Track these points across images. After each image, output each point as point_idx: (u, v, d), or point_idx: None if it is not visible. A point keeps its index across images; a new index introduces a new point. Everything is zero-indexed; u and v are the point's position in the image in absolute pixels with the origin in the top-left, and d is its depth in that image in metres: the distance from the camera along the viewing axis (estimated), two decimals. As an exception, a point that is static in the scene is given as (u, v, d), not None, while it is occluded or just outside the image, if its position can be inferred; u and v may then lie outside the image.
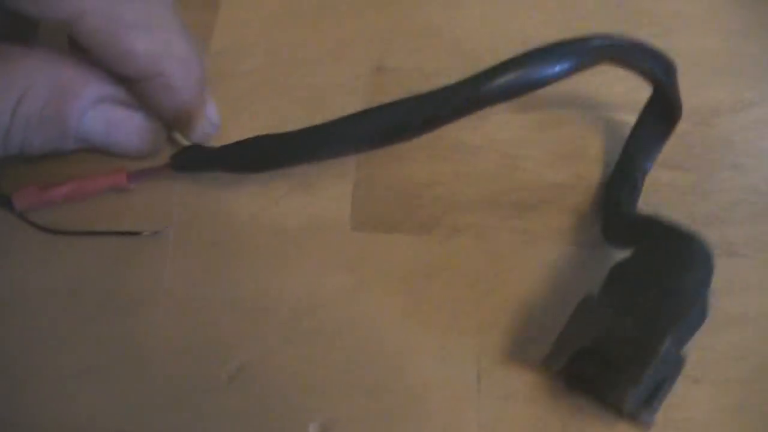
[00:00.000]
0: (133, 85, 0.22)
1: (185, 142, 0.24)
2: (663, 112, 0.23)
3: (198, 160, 0.23)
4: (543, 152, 0.25)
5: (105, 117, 0.22)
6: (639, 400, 0.18)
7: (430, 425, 0.21)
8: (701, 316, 0.19)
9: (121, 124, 0.22)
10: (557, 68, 0.20)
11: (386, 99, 0.22)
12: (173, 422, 0.21)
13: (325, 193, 0.24)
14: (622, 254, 0.22)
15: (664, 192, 0.24)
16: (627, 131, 0.25)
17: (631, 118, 0.25)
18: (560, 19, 0.28)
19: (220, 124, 0.24)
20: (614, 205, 0.23)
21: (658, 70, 0.22)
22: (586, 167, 0.25)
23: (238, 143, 0.22)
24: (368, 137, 0.22)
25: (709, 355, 0.22)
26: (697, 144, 0.25)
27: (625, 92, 0.26)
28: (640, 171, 0.24)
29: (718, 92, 0.26)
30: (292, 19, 0.28)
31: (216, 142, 0.23)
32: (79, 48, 0.21)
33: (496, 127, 0.25)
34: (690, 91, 0.24)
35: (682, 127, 0.25)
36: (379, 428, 0.21)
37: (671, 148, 0.24)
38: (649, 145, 0.24)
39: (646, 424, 0.19)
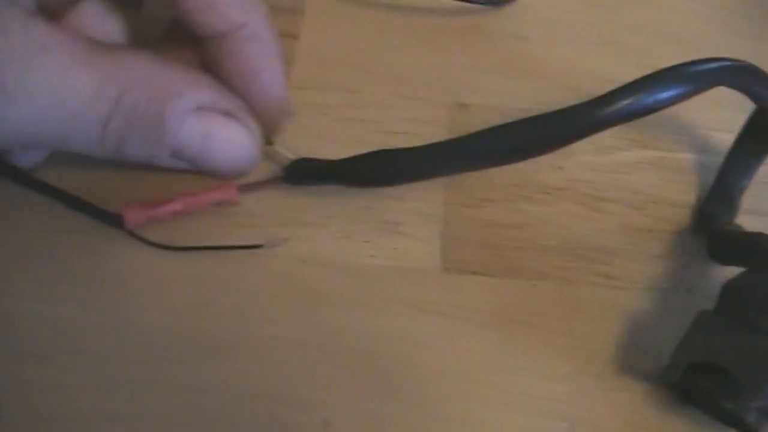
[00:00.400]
0: (221, 45, 0.22)
1: (288, 155, 0.24)
2: (764, 130, 0.24)
3: (312, 173, 0.24)
4: (624, 195, 0.25)
5: (204, 124, 0.21)
6: (760, 411, 0.19)
7: (522, 472, 0.21)
8: None
9: (218, 134, 0.22)
10: (677, 91, 0.21)
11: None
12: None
13: (414, 233, 0.24)
14: (710, 300, 0.22)
15: (745, 238, 0.24)
16: (710, 175, 0.25)
17: (712, 160, 0.25)
18: (637, 56, 0.28)
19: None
20: (714, 222, 0.24)
21: (763, 90, 0.22)
22: (669, 212, 0.25)
23: (358, 157, 0.23)
24: (496, 154, 0.22)
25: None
26: (777, 189, 0.25)
27: (706, 136, 0.26)
28: (738, 188, 0.24)
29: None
30: (372, 54, 0.28)
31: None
32: (179, 28, 0.22)
33: (577, 168, 0.25)
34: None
35: (762, 170, 0.25)
36: (473, 474, 0.21)
37: (751, 193, 0.25)
38: (748, 162, 0.25)
39: None
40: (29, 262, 0.23)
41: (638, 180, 0.25)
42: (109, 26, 0.23)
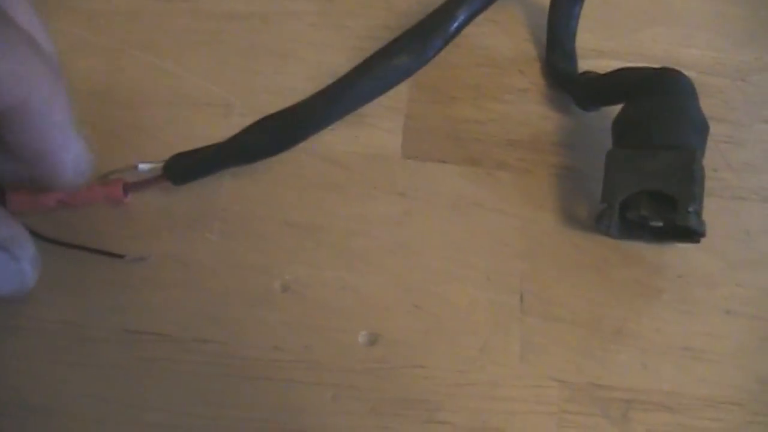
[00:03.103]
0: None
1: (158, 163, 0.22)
2: None
3: (198, 166, 0.22)
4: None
5: None
6: (696, 214, 0.21)
7: (472, 339, 0.22)
8: (705, 129, 0.22)
9: None
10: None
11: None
12: (232, 329, 0.22)
13: (378, 124, 0.25)
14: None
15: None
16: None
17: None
18: None
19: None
20: (566, 72, 0.25)
21: None
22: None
23: (243, 133, 0.22)
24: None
25: (744, 291, 0.23)
26: (734, 99, 0.26)
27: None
28: (570, 34, 0.26)
29: (755, 51, 0.27)
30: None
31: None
32: None
33: (539, 73, 0.26)
34: (730, 49, 0.26)
35: (722, 82, 0.26)
36: (424, 340, 0.22)
37: (711, 101, 0.25)
38: (571, 7, 0.26)
39: (701, 234, 0.21)
40: None
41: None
42: None
